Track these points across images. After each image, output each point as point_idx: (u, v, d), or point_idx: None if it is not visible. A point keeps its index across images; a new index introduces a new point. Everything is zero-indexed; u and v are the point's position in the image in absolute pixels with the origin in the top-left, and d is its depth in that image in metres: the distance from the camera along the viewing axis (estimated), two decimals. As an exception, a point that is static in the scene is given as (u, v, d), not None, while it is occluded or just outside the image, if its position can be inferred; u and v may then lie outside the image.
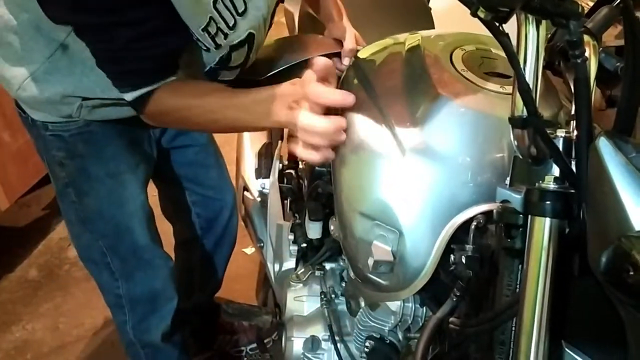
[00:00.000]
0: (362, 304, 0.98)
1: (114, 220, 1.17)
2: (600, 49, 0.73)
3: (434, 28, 1.35)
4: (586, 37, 0.73)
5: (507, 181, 0.70)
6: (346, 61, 1.02)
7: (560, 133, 0.64)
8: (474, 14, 0.52)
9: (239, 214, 1.66)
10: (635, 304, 0.42)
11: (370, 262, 0.80)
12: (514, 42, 0.61)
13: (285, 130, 1.73)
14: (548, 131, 0.63)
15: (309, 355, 1.15)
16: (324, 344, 1.15)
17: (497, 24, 0.55)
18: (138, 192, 1.18)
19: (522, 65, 0.59)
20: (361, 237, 0.84)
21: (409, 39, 0.93)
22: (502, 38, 0.55)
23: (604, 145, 0.53)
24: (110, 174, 1.12)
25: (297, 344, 1.16)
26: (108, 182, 1.12)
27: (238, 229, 1.61)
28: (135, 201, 1.18)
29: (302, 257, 1.34)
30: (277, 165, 1.55)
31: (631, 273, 0.41)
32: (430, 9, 1.48)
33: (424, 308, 0.93)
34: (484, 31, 0.58)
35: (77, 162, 1.10)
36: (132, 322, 1.30)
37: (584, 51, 0.57)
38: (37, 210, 2.41)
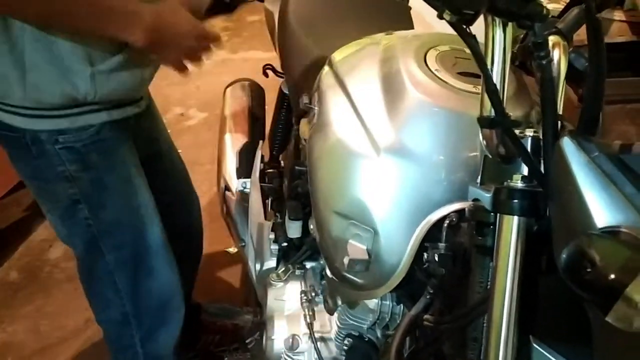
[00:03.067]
0: (339, 302, 0.99)
1: (131, 228, 1.13)
2: (571, 49, 0.75)
3: (412, 28, 1.37)
4: (557, 38, 0.75)
5: (479, 180, 0.71)
6: None
7: (529, 132, 0.65)
8: (440, 17, 0.53)
9: (222, 212, 1.67)
10: (593, 300, 0.43)
11: (346, 260, 0.81)
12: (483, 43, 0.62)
13: (267, 130, 1.74)
14: (517, 131, 0.64)
15: (290, 354, 1.15)
16: (304, 343, 1.15)
17: (464, 26, 0.56)
18: (148, 194, 1.15)
19: (489, 66, 0.60)
20: (337, 236, 0.84)
21: (385, 39, 0.94)
22: (469, 40, 0.56)
23: (568, 145, 0.54)
24: (122, 179, 1.09)
25: (277, 343, 1.17)
26: (122, 188, 1.09)
27: (218, 229, 1.61)
28: (148, 204, 1.15)
29: (283, 256, 1.34)
30: (258, 165, 1.55)
31: (588, 270, 0.42)
32: (410, 8, 1.49)
33: (401, 306, 0.94)
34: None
35: (92, 174, 1.05)
36: (141, 334, 1.25)
37: (549, 52, 0.58)
38: (17, 212, 2.39)
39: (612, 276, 0.41)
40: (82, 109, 0.99)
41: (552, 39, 0.76)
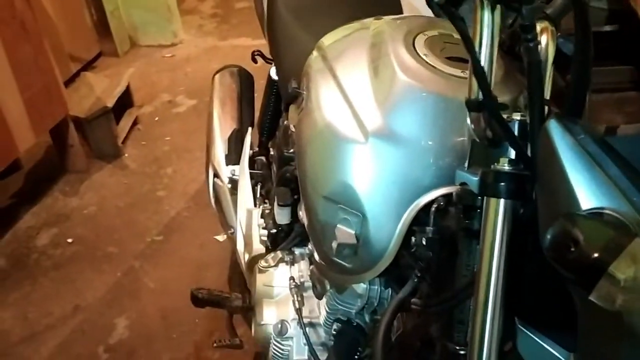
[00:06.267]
0: (328, 287, 0.99)
1: None
2: (559, 34, 0.75)
3: (401, 14, 1.36)
4: (545, 23, 0.75)
5: (466, 164, 0.72)
6: None
7: (516, 116, 0.65)
8: (428, 1, 0.52)
9: (210, 200, 1.66)
10: (577, 280, 0.44)
11: (334, 245, 0.81)
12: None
13: (256, 117, 1.73)
14: (504, 114, 0.64)
15: (278, 340, 1.16)
16: (292, 328, 1.16)
17: (453, 8, 0.56)
18: None
19: (477, 49, 0.60)
20: (325, 220, 0.84)
21: (374, 24, 0.93)
22: (457, 22, 0.56)
23: (554, 127, 0.55)
24: None
25: (266, 329, 1.17)
26: None
27: (207, 216, 1.61)
28: None
29: (272, 243, 1.34)
30: (247, 151, 1.55)
31: (572, 249, 0.43)
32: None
33: (389, 290, 0.95)
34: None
35: None
36: None
37: (537, 35, 0.58)
38: (3, 199, 2.37)
39: (596, 255, 0.41)
40: None
41: (540, 24, 0.76)
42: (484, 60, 0.60)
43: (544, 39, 0.73)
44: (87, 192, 2.38)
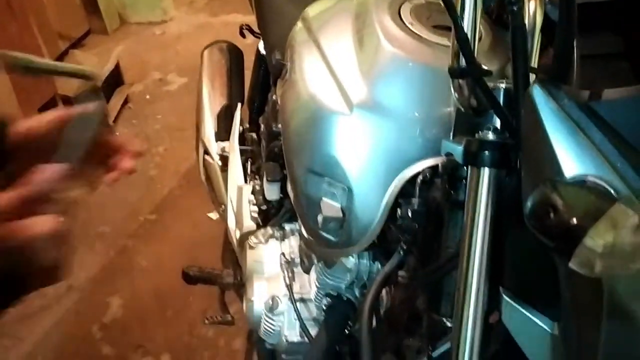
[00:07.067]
0: (315, 261, 0.98)
1: None
2: (547, 0, 0.73)
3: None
4: (533, -11, 0.73)
5: (451, 134, 0.71)
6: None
7: (501, 84, 0.64)
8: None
9: (201, 177, 1.65)
10: (557, 247, 0.43)
11: (320, 218, 0.80)
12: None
13: (246, 93, 1.71)
14: (489, 83, 0.63)
15: (269, 315, 1.15)
16: (283, 304, 1.15)
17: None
18: None
19: (459, 14, 0.58)
20: (310, 194, 0.83)
21: (359, -7, 0.91)
22: (438, -15, 0.54)
23: (537, 93, 0.53)
24: None
25: (257, 305, 1.17)
26: None
27: (200, 194, 1.60)
28: None
29: (263, 219, 1.33)
30: (237, 128, 1.53)
31: (552, 215, 0.42)
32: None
33: (379, 264, 0.94)
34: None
35: None
36: None
37: (521, -1, 0.56)
38: (-5, 180, 2.35)
39: (574, 220, 0.40)
40: None
41: (528, -11, 0.74)
42: (467, 26, 0.58)
43: (531, 5, 0.71)
44: (79, 172, 2.37)
